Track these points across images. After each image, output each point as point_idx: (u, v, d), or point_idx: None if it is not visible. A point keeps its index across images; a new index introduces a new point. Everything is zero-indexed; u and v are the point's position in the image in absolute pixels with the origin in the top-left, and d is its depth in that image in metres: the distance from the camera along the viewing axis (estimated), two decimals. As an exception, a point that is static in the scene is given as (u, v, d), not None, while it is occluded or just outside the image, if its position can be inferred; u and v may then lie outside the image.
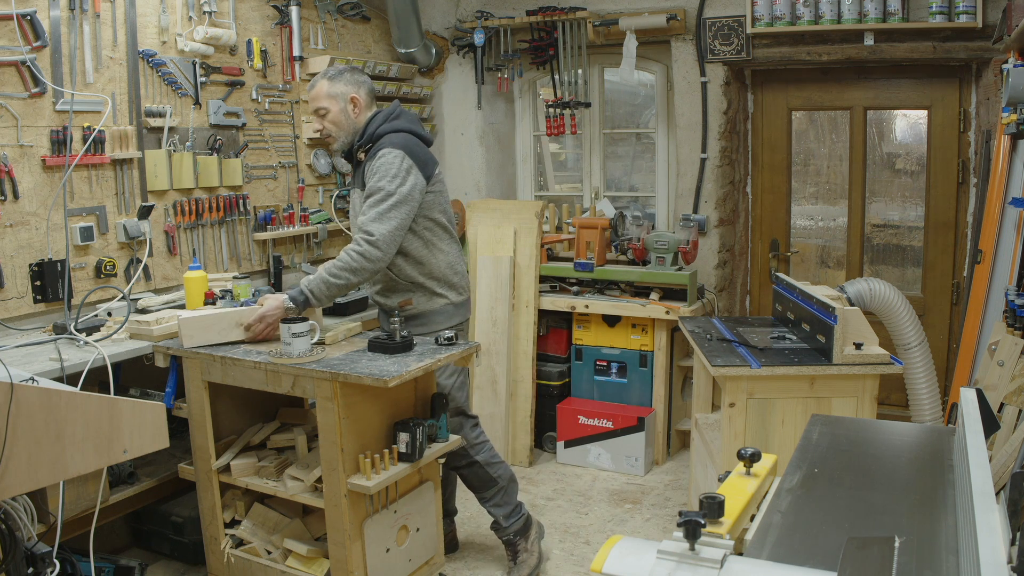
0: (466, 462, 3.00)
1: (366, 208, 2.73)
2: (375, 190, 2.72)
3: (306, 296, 2.69)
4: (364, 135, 2.85)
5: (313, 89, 2.86)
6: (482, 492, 3.06)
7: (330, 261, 2.74)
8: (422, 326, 2.88)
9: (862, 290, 3.41)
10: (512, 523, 3.06)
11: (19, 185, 2.85)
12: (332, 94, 2.84)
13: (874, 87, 4.14)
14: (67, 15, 2.96)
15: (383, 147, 2.78)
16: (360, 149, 2.87)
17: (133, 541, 3.27)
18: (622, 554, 1.15)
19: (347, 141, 2.89)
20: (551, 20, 4.32)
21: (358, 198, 2.89)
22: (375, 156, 2.78)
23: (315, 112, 2.86)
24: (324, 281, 2.69)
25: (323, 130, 2.87)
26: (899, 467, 1.62)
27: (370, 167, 2.77)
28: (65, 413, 1.68)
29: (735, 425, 2.76)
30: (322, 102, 2.84)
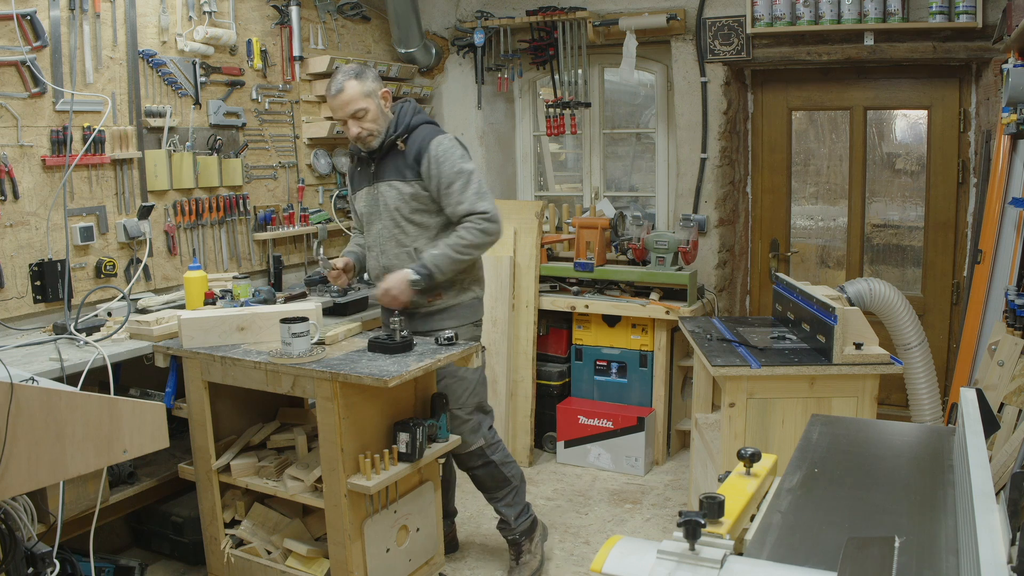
0: (482, 462, 2.98)
1: (457, 193, 2.74)
2: (456, 175, 2.74)
3: (430, 271, 2.73)
4: (400, 125, 2.81)
5: (342, 94, 2.74)
6: (495, 492, 3.04)
7: (453, 237, 2.76)
8: (451, 319, 2.88)
9: (862, 290, 3.41)
10: (520, 523, 3.06)
11: (19, 185, 2.85)
12: (367, 93, 2.75)
13: (874, 87, 4.14)
14: (67, 15, 2.96)
15: (431, 136, 2.78)
16: (399, 139, 2.81)
17: (133, 541, 3.27)
18: (622, 554, 1.15)
19: (383, 137, 2.82)
20: (551, 20, 4.32)
21: (393, 190, 2.82)
22: (427, 146, 2.76)
23: (353, 116, 2.75)
24: (449, 258, 2.74)
25: (362, 132, 2.77)
26: (899, 467, 1.62)
27: (430, 156, 2.75)
28: (65, 413, 1.68)
29: (735, 425, 2.76)
30: (360, 104, 2.74)
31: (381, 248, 2.89)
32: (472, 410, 2.94)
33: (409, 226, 2.84)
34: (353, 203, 3.05)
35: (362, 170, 2.94)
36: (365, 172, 2.92)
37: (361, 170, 2.95)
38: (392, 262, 2.85)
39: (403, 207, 2.82)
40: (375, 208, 2.89)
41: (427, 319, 2.89)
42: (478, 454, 2.96)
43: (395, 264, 2.84)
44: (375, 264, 2.93)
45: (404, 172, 2.80)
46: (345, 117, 2.76)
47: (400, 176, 2.81)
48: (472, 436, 2.93)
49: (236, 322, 2.71)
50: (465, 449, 2.94)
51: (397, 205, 2.82)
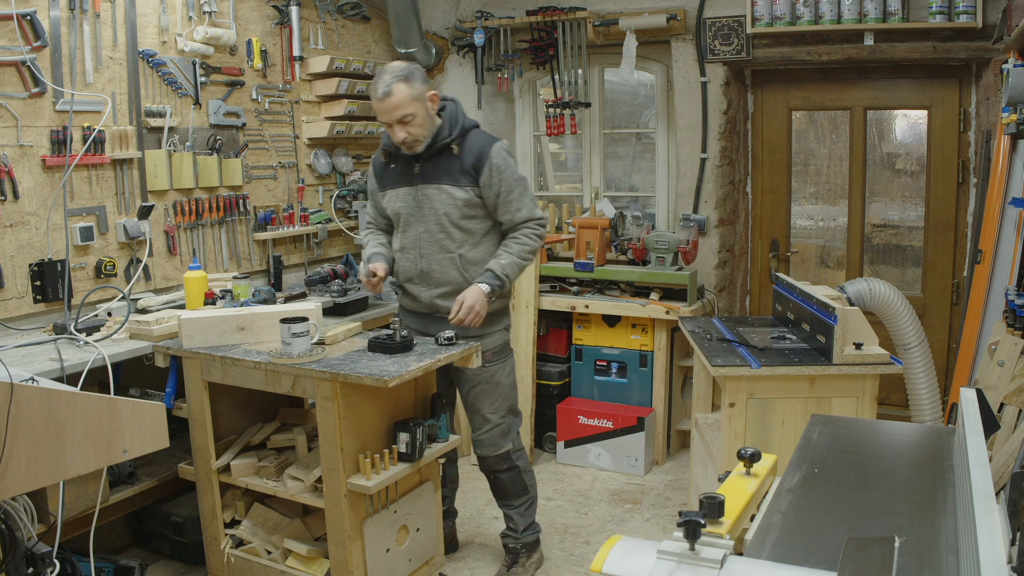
0: (508, 466, 2.97)
1: (516, 201, 2.76)
2: (515, 183, 2.75)
3: (502, 280, 2.74)
4: (456, 128, 2.74)
5: (390, 98, 2.61)
6: (512, 499, 3.03)
7: (516, 245, 2.78)
8: (488, 325, 2.84)
9: (862, 290, 3.41)
10: (526, 535, 3.05)
11: (19, 185, 2.85)
12: (415, 97, 2.64)
13: (874, 87, 4.14)
14: (67, 15, 2.96)
15: (489, 143, 2.75)
16: (452, 143, 2.74)
17: (133, 541, 3.27)
18: (622, 554, 1.15)
19: (431, 140, 2.73)
20: (551, 20, 4.32)
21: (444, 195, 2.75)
22: (487, 154, 2.72)
23: (400, 121, 2.65)
24: (518, 265, 2.78)
25: (408, 137, 2.68)
26: (899, 467, 1.62)
27: (492, 165, 2.71)
28: (65, 413, 1.68)
29: (735, 425, 2.76)
30: (408, 108, 2.63)
31: (421, 251, 2.81)
32: (504, 414, 2.93)
33: (456, 231, 2.78)
34: (380, 200, 2.94)
35: (400, 168, 2.83)
36: (405, 171, 2.81)
37: (398, 168, 2.84)
38: (433, 267, 2.80)
39: (453, 212, 2.75)
40: (417, 210, 2.80)
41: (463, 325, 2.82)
42: (505, 458, 2.95)
43: (435, 269, 2.80)
44: (411, 267, 2.85)
45: (458, 177, 2.73)
46: (391, 121, 2.66)
47: (453, 181, 2.74)
48: (502, 440, 2.93)
49: (236, 322, 2.71)
50: (493, 452, 2.93)
51: (447, 210, 2.75)
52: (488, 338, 2.86)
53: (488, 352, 2.86)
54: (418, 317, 2.94)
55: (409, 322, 2.96)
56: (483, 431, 2.92)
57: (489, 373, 2.87)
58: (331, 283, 3.57)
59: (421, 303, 2.88)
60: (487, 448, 2.93)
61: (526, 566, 3.04)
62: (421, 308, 2.90)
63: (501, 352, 2.93)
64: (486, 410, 2.90)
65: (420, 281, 2.85)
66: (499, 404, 2.91)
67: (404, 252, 2.87)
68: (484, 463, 2.98)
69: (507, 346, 2.97)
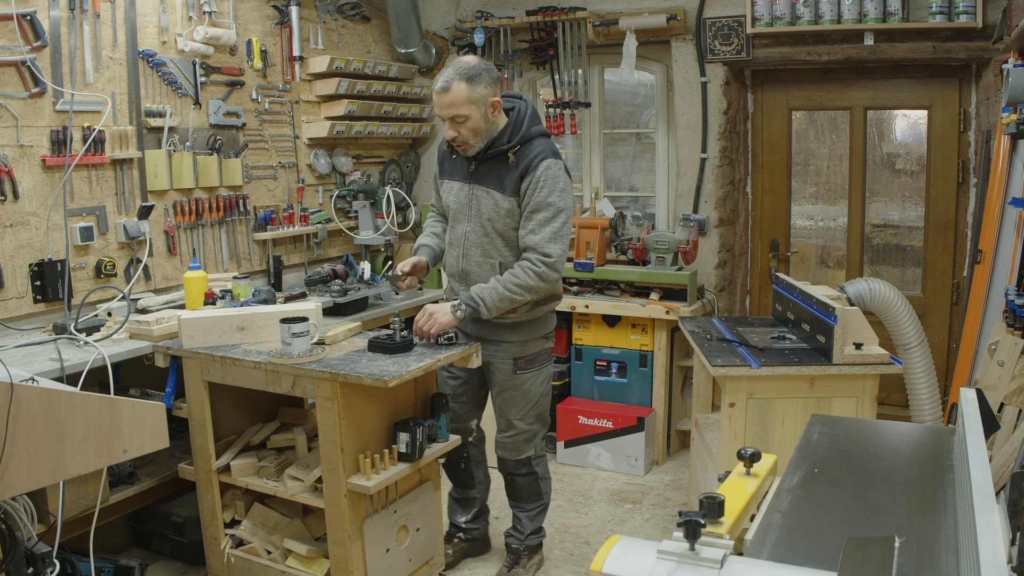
0: (526, 471, 2.95)
1: (536, 225, 2.61)
2: (545, 205, 2.59)
3: (475, 304, 2.61)
4: (516, 136, 2.63)
5: (447, 94, 2.52)
6: (524, 503, 3.02)
7: (507, 275, 2.63)
8: (523, 332, 2.78)
9: (862, 290, 3.41)
10: (531, 539, 3.04)
11: (19, 185, 2.85)
12: (473, 99, 2.53)
13: (874, 87, 4.14)
14: (67, 15, 2.96)
15: (544, 156, 2.62)
16: (510, 150, 2.63)
17: (133, 541, 3.27)
18: (622, 554, 1.15)
19: (482, 147, 2.64)
20: (551, 20, 4.32)
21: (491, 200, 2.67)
22: (536, 165, 2.60)
23: (452, 119, 2.56)
24: (499, 294, 2.60)
25: (458, 138, 2.60)
26: (899, 467, 1.62)
27: (534, 178, 2.59)
28: (65, 413, 1.68)
29: (735, 425, 2.76)
30: (461, 109, 2.53)
31: (464, 251, 2.76)
32: (532, 421, 2.90)
33: (498, 239, 2.70)
34: (439, 187, 2.89)
35: (459, 160, 2.75)
36: (463, 166, 2.74)
37: (458, 159, 2.76)
38: (473, 268, 2.74)
39: (496, 220, 2.68)
40: (466, 208, 2.74)
41: (496, 328, 2.78)
42: (524, 463, 2.93)
43: (475, 271, 2.74)
44: (454, 263, 2.81)
45: (506, 185, 2.64)
46: (444, 117, 2.59)
47: (501, 188, 2.65)
48: (525, 446, 2.91)
49: (236, 322, 2.71)
50: (514, 456, 2.91)
51: (491, 216, 2.68)
52: (521, 345, 2.80)
53: (521, 360, 2.81)
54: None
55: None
56: (507, 434, 2.90)
57: (520, 380, 2.83)
58: (331, 283, 3.58)
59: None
60: (508, 451, 2.91)
61: (527, 567, 3.04)
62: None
63: (535, 360, 2.85)
64: (513, 416, 2.86)
65: (460, 280, 2.81)
66: (527, 411, 2.87)
67: (451, 247, 2.84)
68: (503, 464, 2.96)
69: (543, 354, 2.88)
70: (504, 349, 2.80)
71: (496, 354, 2.80)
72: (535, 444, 2.93)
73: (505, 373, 2.82)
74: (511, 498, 3.06)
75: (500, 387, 2.86)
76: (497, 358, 2.81)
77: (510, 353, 2.80)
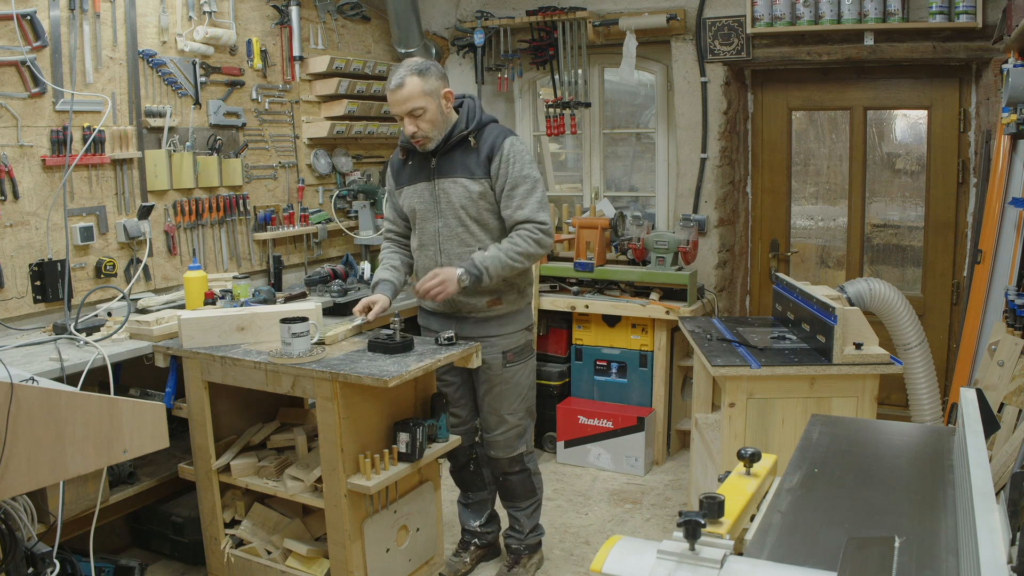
0: (519, 468, 2.95)
1: (520, 199, 2.68)
2: (523, 179, 2.69)
3: (479, 272, 2.63)
4: (474, 121, 2.71)
5: (401, 89, 2.60)
6: (520, 501, 3.01)
7: (506, 243, 2.68)
8: (508, 325, 2.83)
9: (862, 290, 3.41)
10: (530, 537, 3.05)
11: (19, 185, 2.85)
12: (428, 91, 2.62)
13: (874, 87, 4.14)
14: (67, 15, 2.96)
15: (504, 134, 2.72)
16: (469, 135, 2.71)
17: (133, 541, 3.27)
18: (622, 554, 1.15)
19: (440, 139, 2.70)
20: (551, 20, 4.32)
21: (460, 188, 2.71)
22: (500, 144, 2.68)
23: (409, 114, 2.63)
24: (501, 262, 2.65)
25: (418, 132, 2.65)
26: (899, 467, 1.62)
27: (503, 155, 2.67)
28: (65, 413, 1.68)
29: (735, 425, 2.76)
30: (418, 101, 2.61)
31: (440, 247, 2.77)
32: (522, 415, 2.91)
33: (475, 225, 2.73)
34: (397, 199, 2.90)
35: (417, 164, 2.80)
36: (421, 167, 2.78)
37: (415, 164, 2.80)
38: (453, 262, 2.74)
39: (470, 206, 2.71)
40: (433, 205, 2.76)
41: (483, 324, 2.81)
42: (517, 460, 2.93)
43: (456, 264, 2.73)
44: (431, 264, 2.79)
45: (474, 170, 2.70)
46: (402, 114, 2.64)
47: (469, 174, 2.70)
48: (517, 442, 2.91)
49: (236, 322, 2.71)
50: (508, 454, 2.91)
51: (463, 204, 2.71)
52: (508, 338, 2.83)
53: (510, 352, 2.84)
54: (438, 318, 2.88)
55: (430, 324, 2.93)
56: (499, 432, 2.89)
57: (509, 374, 2.85)
58: (331, 283, 3.58)
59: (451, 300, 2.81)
60: (502, 450, 2.91)
61: (527, 567, 3.04)
62: (442, 307, 2.84)
63: (522, 352, 2.89)
64: (505, 411, 2.87)
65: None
66: (518, 405, 2.89)
67: (423, 249, 2.82)
68: (496, 465, 2.96)
69: (528, 346, 2.93)
70: (492, 344, 2.81)
71: (485, 351, 2.80)
72: (526, 440, 2.94)
73: (495, 369, 2.83)
74: (505, 499, 3.05)
75: (490, 383, 2.86)
76: (486, 354, 2.81)
77: (499, 347, 2.82)
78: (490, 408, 2.89)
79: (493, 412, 2.89)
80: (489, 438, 2.93)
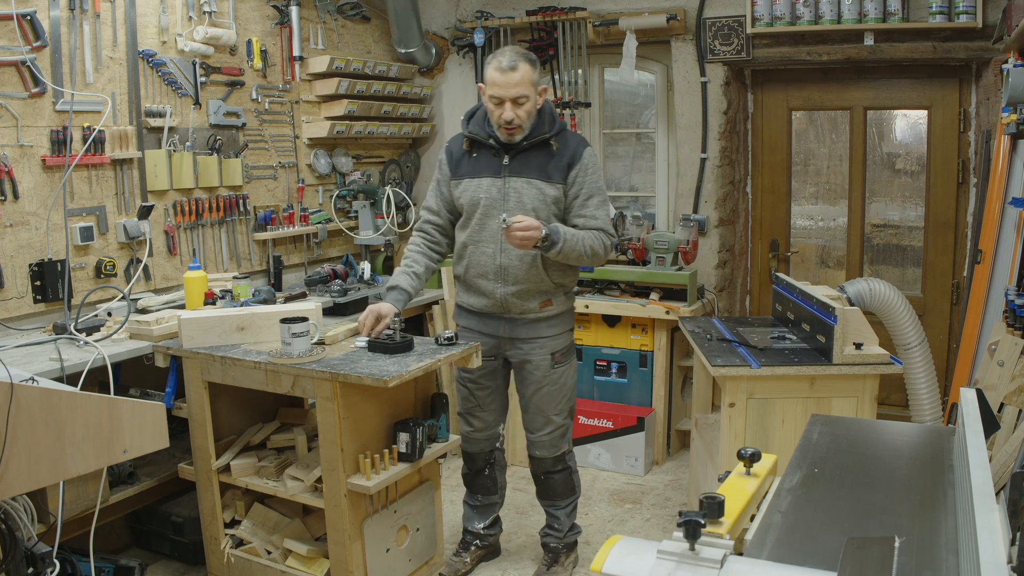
0: (562, 467, 2.95)
1: (594, 209, 2.71)
2: (597, 190, 2.73)
3: (558, 239, 2.59)
4: (555, 126, 2.71)
5: (514, 72, 2.55)
6: (560, 500, 3.00)
7: (582, 232, 2.67)
8: (558, 326, 2.82)
9: (862, 290, 3.41)
10: (569, 536, 3.04)
11: (19, 185, 2.85)
12: (534, 82, 2.60)
13: (874, 87, 4.14)
14: (67, 15, 2.96)
15: (584, 143, 2.74)
16: (551, 138, 2.69)
17: (133, 541, 3.27)
18: (622, 554, 1.15)
19: (526, 133, 2.67)
20: (551, 20, 4.32)
21: (534, 189, 2.67)
22: (581, 153, 2.70)
23: (514, 100, 2.58)
24: (574, 244, 2.63)
25: (513, 120, 2.60)
26: (899, 467, 1.62)
27: (582, 165, 2.69)
28: (65, 413, 1.68)
29: (735, 425, 2.76)
30: (525, 89, 2.57)
31: (502, 245, 2.69)
32: (567, 415, 2.91)
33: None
34: (449, 189, 2.81)
35: (484, 158, 2.73)
36: (491, 162, 2.71)
37: (480, 158, 2.74)
38: (513, 262, 2.70)
39: (541, 208, 2.67)
40: (502, 202, 2.69)
41: (534, 326, 2.80)
42: (561, 459, 2.93)
43: (515, 264, 2.70)
44: (488, 261, 2.73)
45: (552, 173, 2.68)
46: (505, 97, 2.57)
47: (546, 177, 2.68)
48: (561, 441, 2.91)
49: (236, 322, 2.71)
50: (553, 454, 2.91)
51: (535, 205, 2.66)
52: (557, 339, 2.83)
53: (558, 354, 2.83)
54: (481, 318, 2.84)
55: (468, 323, 2.88)
56: (545, 432, 2.88)
57: (556, 374, 2.84)
58: (331, 283, 3.58)
59: (491, 300, 2.77)
60: (547, 450, 2.90)
61: (565, 565, 3.03)
62: (488, 307, 2.79)
63: (568, 353, 2.89)
64: (551, 411, 2.86)
65: (496, 277, 2.74)
66: (563, 405, 2.88)
67: (480, 245, 2.75)
68: (540, 464, 2.94)
69: (572, 347, 2.92)
70: (542, 345, 2.81)
71: (534, 352, 2.80)
72: (568, 439, 2.94)
73: (543, 370, 2.81)
74: (545, 498, 3.03)
75: (537, 384, 2.84)
76: (535, 355, 2.81)
77: (548, 348, 2.81)
78: (537, 409, 2.87)
79: (540, 413, 2.87)
80: (534, 438, 2.91)
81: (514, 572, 3.11)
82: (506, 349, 2.87)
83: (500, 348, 2.87)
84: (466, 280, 2.83)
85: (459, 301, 2.92)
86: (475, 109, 2.80)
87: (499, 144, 2.70)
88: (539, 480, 3.00)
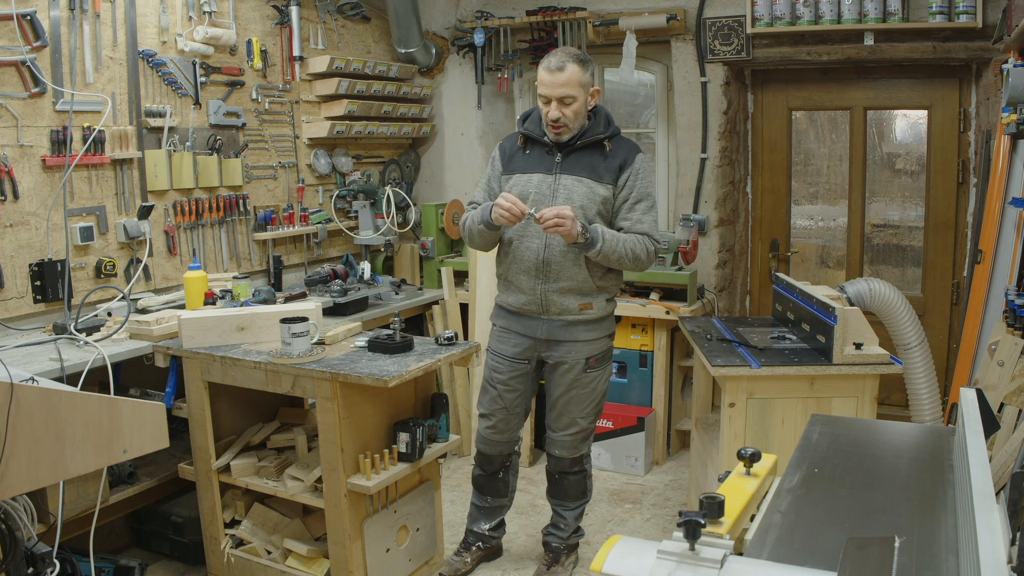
0: (579, 469, 2.95)
1: (641, 213, 2.70)
2: (647, 195, 2.72)
3: (598, 239, 2.58)
4: (610, 128, 2.72)
5: (562, 72, 2.57)
6: (570, 501, 3.00)
7: (632, 238, 2.66)
8: (596, 330, 2.80)
9: (862, 290, 3.41)
10: (572, 538, 3.04)
11: (19, 185, 2.85)
12: (583, 83, 2.61)
13: (874, 87, 4.14)
14: (67, 15, 2.96)
15: (636, 148, 2.75)
16: (605, 140, 2.71)
17: (133, 541, 3.27)
18: (622, 554, 1.15)
19: (574, 133, 2.69)
20: (551, 20, 4.32)
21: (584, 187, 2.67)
22: (633, 157, 2.71)
23: (561, 100, 2.60)
24: (616, 246, 2.62)
25: (562, 119, 2.63)
26: (899, 467, 1.62)
27: (633, 169, 2.70)
28: (65, 413, 1.68)
29: (735, 425, 2.76)
30: (572, 89, 2.59)
31: (547, 241, 2.68)
32: (593, 419, 2.91)
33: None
34: (500, 184, 2.81)
35: (536, 155, 2.75)
36: (543, 159, 2.74)
37: (533, 155, 2.76)
38: (557, 258, 2.69)
39: (590, 207, 2.67)
40: (551, 199, 2.69)
41: (571, 328, 2.77)
42: (578, 461, 2.93)
43: (559, 261, 2.69)
44: (531, 256, 2.71)
45: (603, 174, 2.69)
46: (552, 97, 2.60)
47: (597, 176, 2.69)
48: (582, 444, 2.91)
49: (236, 322, 2.71)
50: (572, 455, 2.91)
51: (584, 204, 2.66)
52: (593, 344, 2.80)
53: (592, 359, 2.81)
54: (519, 317, 2.82)
55: (506, 322, 2.86)
56: (568, 433, 2.88)
57: (588, 379, 2.82)
58: (331, 283, 3.58)
59: (530, 297, 2.75)
60: (567, 450, 2.90)
61: (565, 565, 3.02)
62: (527, 305, 2.77)
63: (603, 359, 2.86)
64: (577, 414, 2.85)
65: (538, 273, 2.72)
66: (590, 409, 2.88)
67: (525, 240, 2.73)
68: (557, 463, 2.94)
69: (609, 353, 2.89)
70: (577, 349, 2.79)
71: (568, 354, 2.79)
72: (589, 442, 2.94)
73: (576, 372, 2.80)
74: (556, 497, 3.03)
75: (567, 387, 2.83)
76: (569, 357, 2.79)
77: (583, 352, 2.79)
78: (563, 409, 2.87)
79: (565, 413, 2.87)
80: (556, 437, 2.90)
81: (514, 572, 3.11)
82: (541, 351, 2.83)
83: (535, 350, 2.83)
84: (508, 278, 2.82)
85: (499, 300, 2.91)
86: (532, 109, 2.83)
87: (552, 142, 2.72)
88: (552, 479, 3.00)
